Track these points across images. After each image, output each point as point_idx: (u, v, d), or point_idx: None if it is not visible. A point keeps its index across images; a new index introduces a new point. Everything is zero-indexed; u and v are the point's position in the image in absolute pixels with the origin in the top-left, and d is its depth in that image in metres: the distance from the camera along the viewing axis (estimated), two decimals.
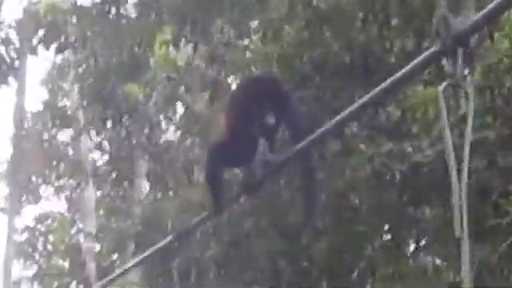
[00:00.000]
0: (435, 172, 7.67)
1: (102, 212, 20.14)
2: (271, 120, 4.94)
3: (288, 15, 9.43)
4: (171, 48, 9.92)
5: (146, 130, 12.76)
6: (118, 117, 11.94)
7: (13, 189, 18.36)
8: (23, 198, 22.90)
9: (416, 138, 8.09)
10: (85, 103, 15.23)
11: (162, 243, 5.88)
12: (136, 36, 9.98)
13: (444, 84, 3.72)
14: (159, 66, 10.66)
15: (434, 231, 8.74)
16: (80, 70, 14.95)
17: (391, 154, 7.77)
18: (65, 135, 24.09)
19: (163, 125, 12.78)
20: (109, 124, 13.16)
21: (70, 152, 23.99)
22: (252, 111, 4.96)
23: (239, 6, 9.34)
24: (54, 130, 23.92)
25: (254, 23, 9.77)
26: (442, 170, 7.36)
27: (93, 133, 16.67)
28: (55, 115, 23.83)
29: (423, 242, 9.34)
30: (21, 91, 18.14)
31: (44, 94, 23.93)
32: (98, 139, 17.26)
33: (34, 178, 23.59)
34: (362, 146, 8.25)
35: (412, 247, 9.64)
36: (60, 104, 24.15)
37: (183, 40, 9.25)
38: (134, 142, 13.44)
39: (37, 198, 23.66)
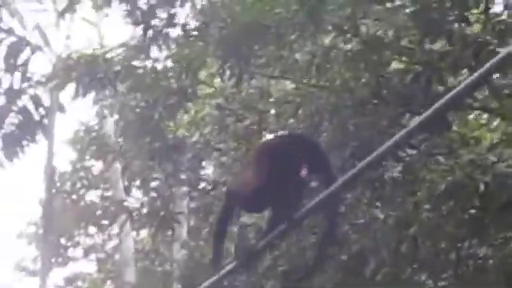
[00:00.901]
0: None
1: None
2: (304, 175, 5.18)
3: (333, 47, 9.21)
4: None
5: (193, 165, 12.49)
6: (165, 152, 11.66)
7: (43, 251, 17.83)
8: (52, 260, 22.53)
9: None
10: (121, 141, 14.99)
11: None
12: (182, 65, 9.76)
13: None
14: (207, 94, 10.46)
15: None
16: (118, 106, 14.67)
17: (473, 164, 7.47)
18: (93, 195, 24.02)
19: (211, 158, 12.38)
20: (152, 161, 12.83)
21: (99, 212, 23.91)
22: (288, 166, 5.19)
23: (284, 38, 9.10)
24: (82, 191, 23.84)
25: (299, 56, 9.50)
26: None
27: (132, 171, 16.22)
28: (83, 175, 23.83)
29: None
30: (50, 149, 17.71)
31: (71, 154, 23.89)
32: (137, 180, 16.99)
33: (62, 240, 23.30)
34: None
35: None
36: (88, 164, 24.19)
37: (228, 73, 9.02)
38: (181, 177, 13.06)
39: (66, 260, 23.31)
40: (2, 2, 17.18)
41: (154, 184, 16.27)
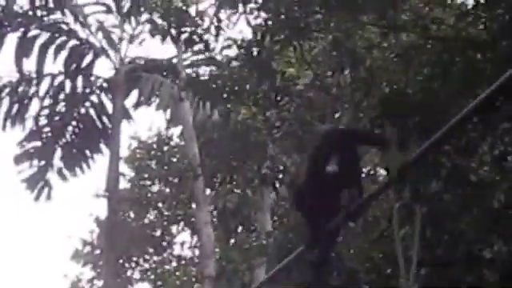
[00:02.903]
0: None
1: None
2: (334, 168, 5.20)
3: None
4: None
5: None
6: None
7: (106, 271, 16.61)
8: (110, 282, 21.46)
9: None
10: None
11: None
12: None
13: None
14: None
15: None
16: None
17: None
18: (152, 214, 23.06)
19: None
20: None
21: (158, 233, 22.94)
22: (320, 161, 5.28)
23: None
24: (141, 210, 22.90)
25: None
26: None
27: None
28: (142, 195, 22.88)
29: None
30: (114, 161, 16.51)
31: (128, 172, 22.97)
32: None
33: (121, 261, 22.27)
34: None
35: None
36: (145, 183, 23.28)
37: None
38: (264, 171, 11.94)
39: (124, 282, 22.25)
40: (64, 4, 16.39)
41: None
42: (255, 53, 9.17)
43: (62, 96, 17.04)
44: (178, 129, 22.19)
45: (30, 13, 16.07)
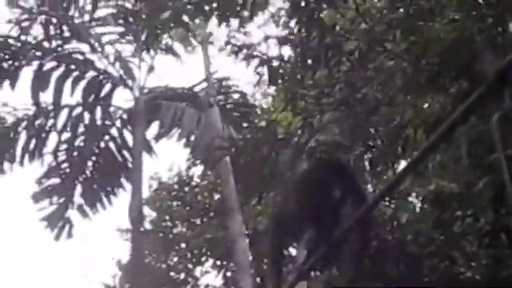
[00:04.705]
0: None
1: None
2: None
3: None
4: None
5: None
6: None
7: None
8: None
9: None
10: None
11: None
12: None
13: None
14: None
15: None
16: None
17: None
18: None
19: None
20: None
21: (182, 276, 22.15)
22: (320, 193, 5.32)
23: None
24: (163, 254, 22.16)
25: None
26: None
27: None
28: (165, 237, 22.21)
29: None
30: (137, 197, 15.69)
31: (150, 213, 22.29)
32: None
33: None
34: None
35: None
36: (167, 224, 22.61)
37: None
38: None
39: None
40: (81, 35, 15.89)
41: None
42: (303, 3, 8.46)
43: (80, 129, 16.41)
44: (199, 168, 21.81)
45: (45, 43, 15.58)
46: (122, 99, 16.77)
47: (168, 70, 20.38)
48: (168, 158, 23.36)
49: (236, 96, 17.48)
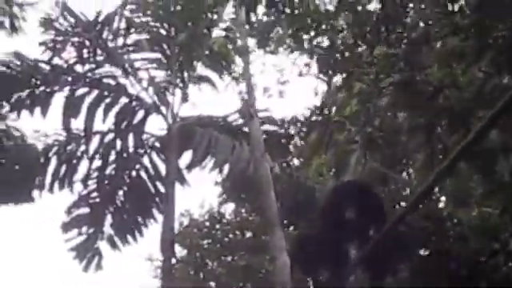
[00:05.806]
0: None
1: None
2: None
3: None
4: None
5: None
6: None
7: None
8: None
9: None
10: None
11: None
12: None
13: None
14: None
15: None
16: None
17: None
18: None
19: None
20: None
21: None
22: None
23: None
24: None
25: None
26: None
27: None
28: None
29: None
30: (168, 225, 15.11)
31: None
32: None
33: None
34: None
35: None
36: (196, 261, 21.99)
37: None
38: None
39: None
40: (114, 58, 15.49)
41: None
42: None
43: (112, 156, 15.89)
44: (231, 205, 21.24)
45: (77, 66, 15.19)
46: (155, 127, 16.24)
47: (203, 98, 19.76)
48: (199, 195, 22.84)
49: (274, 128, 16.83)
